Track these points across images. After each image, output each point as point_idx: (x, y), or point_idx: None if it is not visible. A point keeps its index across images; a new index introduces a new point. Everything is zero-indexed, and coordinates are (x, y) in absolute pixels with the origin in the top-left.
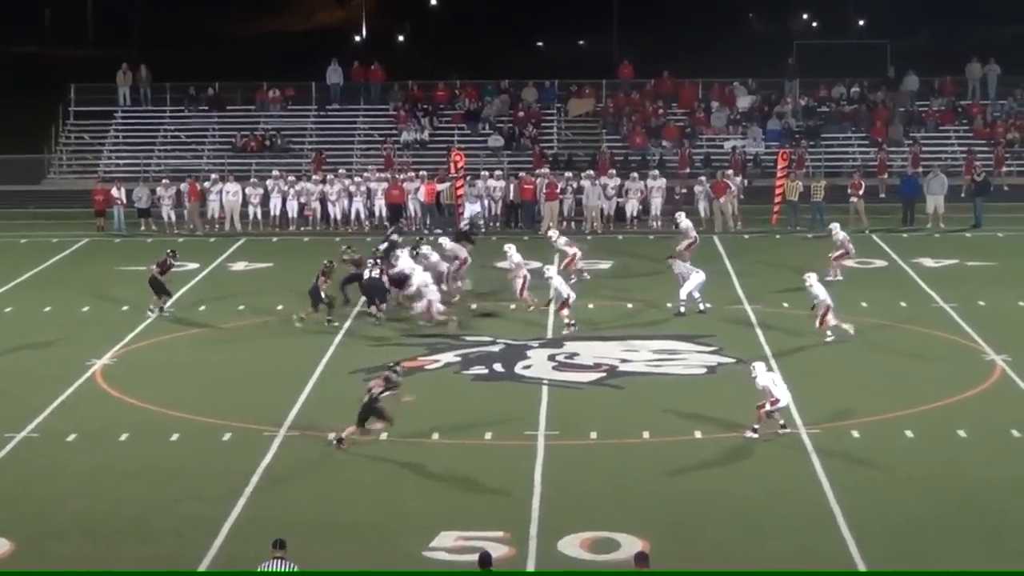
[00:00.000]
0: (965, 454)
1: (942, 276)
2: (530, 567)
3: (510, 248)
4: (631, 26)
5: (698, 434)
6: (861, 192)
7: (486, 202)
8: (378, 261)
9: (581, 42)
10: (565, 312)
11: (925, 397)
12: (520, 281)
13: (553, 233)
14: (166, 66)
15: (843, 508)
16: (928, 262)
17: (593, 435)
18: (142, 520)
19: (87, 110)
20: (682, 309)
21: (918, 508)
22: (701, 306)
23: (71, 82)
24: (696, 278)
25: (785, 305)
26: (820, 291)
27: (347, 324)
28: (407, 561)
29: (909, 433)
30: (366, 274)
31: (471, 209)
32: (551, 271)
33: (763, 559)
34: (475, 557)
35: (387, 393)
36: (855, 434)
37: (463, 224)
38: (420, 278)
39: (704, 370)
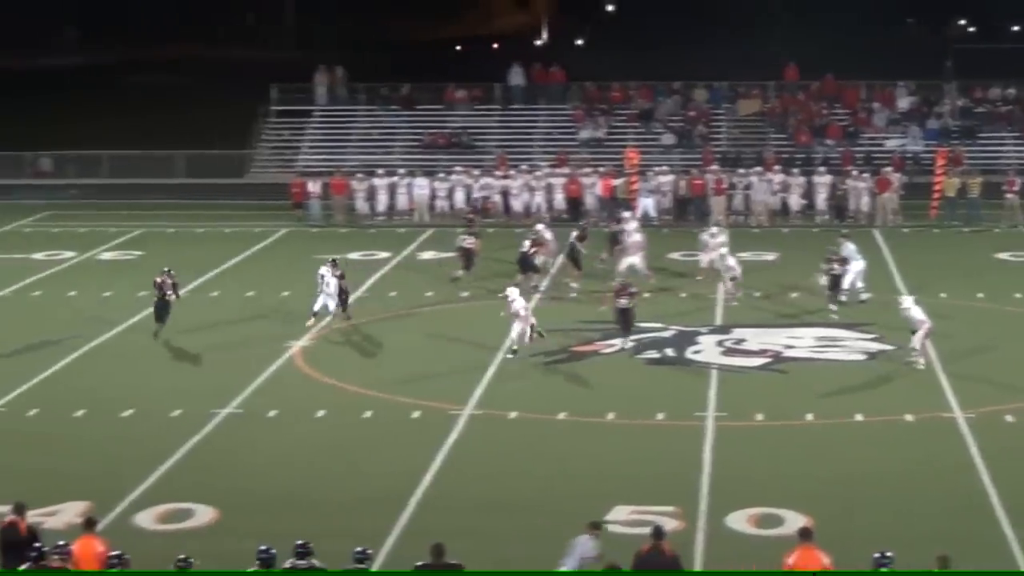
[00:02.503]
0: None
1: None
2: (699, 541)
3: (512, 292)
4: (796, 29)
5: (859, 417)
6: (1016, 189)
7: (657, 197)
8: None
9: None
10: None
11: None
12: (518, 327)
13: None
14: (360, 68)
15: (998, 492)
16: None
17: (759, 417)
18: (336, 493)
19: (287, 109)
20: (843, 298)
21: None
22: (862, 296)
23: (272, 82)
24: (856, 266)
25: (943, 296)
26: (918, 313)
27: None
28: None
29: None
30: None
31: (645, 203)
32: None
33: (916, 540)
34: (648, 530)
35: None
36: (1009, 419)
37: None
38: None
39: (864, 356)
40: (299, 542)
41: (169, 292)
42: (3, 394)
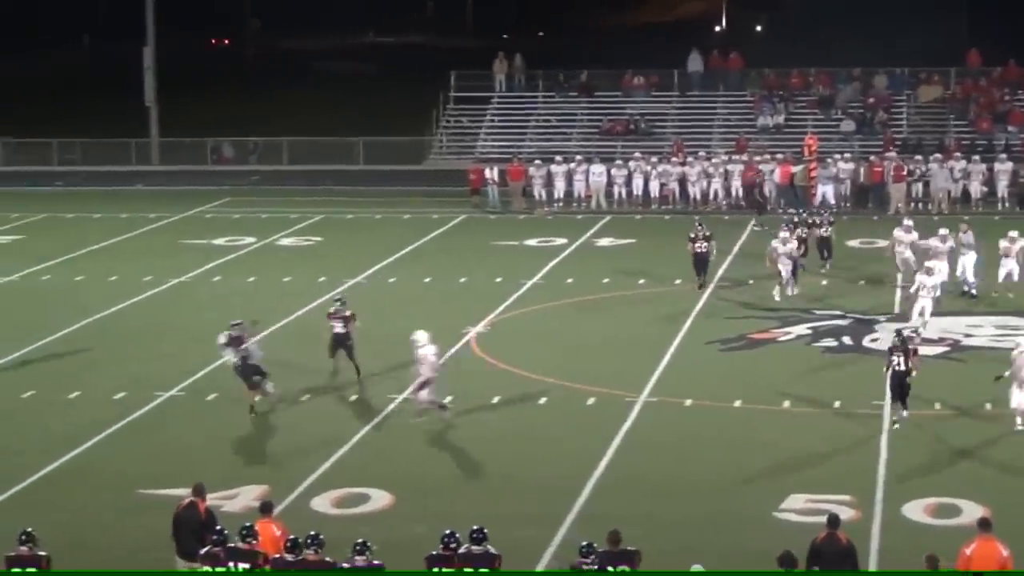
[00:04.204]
0: None
1: None
2: (875, 530)
3: (421, 337)
4: (980, 13)
5: None
6: None
7: (836, 184)
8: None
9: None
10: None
11: None
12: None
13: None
14: (539, 55)
15: None
16: None
17: (937, 406)
18: (511, 479)
19: (466, 95)
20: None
21: None
22: (973, 290)
23: (451, 69)
24: (970, 258)
25: None
26: None
27: (703, 299)
28: (757, 521)
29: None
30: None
31: (823, 190)
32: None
33: None
34: (823, 519)
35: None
36: None
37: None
38: None
39: None
40: (474, 528)
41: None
42: (183, 378)
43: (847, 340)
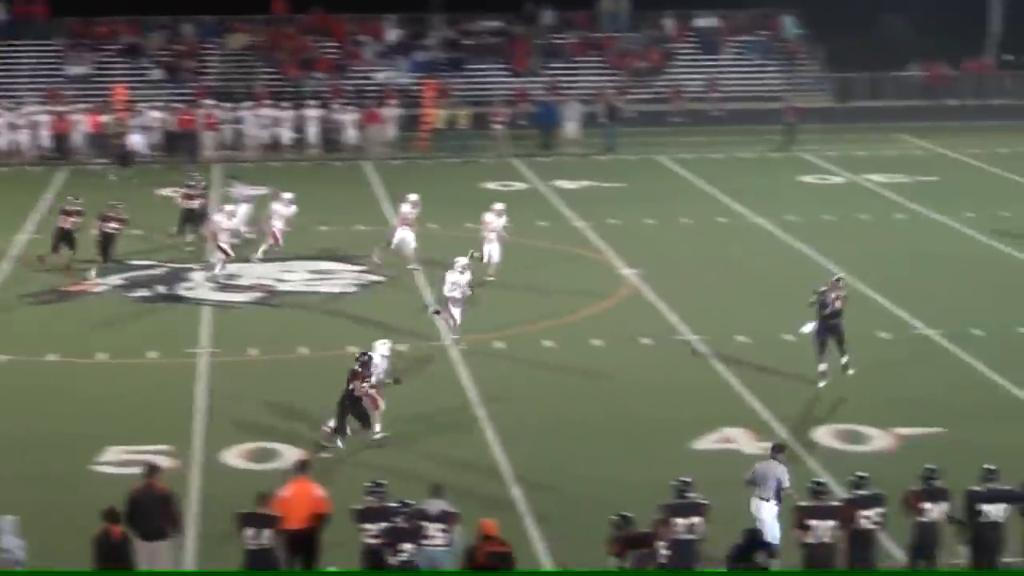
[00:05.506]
0: (601, 362)
1: (578, 197)
2: (194, 477)
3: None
4: None
5: (352, 349)
6: (503, 120)
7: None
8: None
9: None
10: None
11: (562, 310)
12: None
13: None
14: None
15: (489, 414)
16: (565, 184)
17: (253, 352)
18: None
19: None
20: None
21: (561, 412)
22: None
23: None
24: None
25: (433, 226)
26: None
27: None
28: (73, 475)
29: (549, 343)
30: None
31: (135, 140)
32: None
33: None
34: (140, 470)
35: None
36: (499, 345)
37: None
38: None
39: (357, 288)
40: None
41: None
42: None
43: (161, 289)
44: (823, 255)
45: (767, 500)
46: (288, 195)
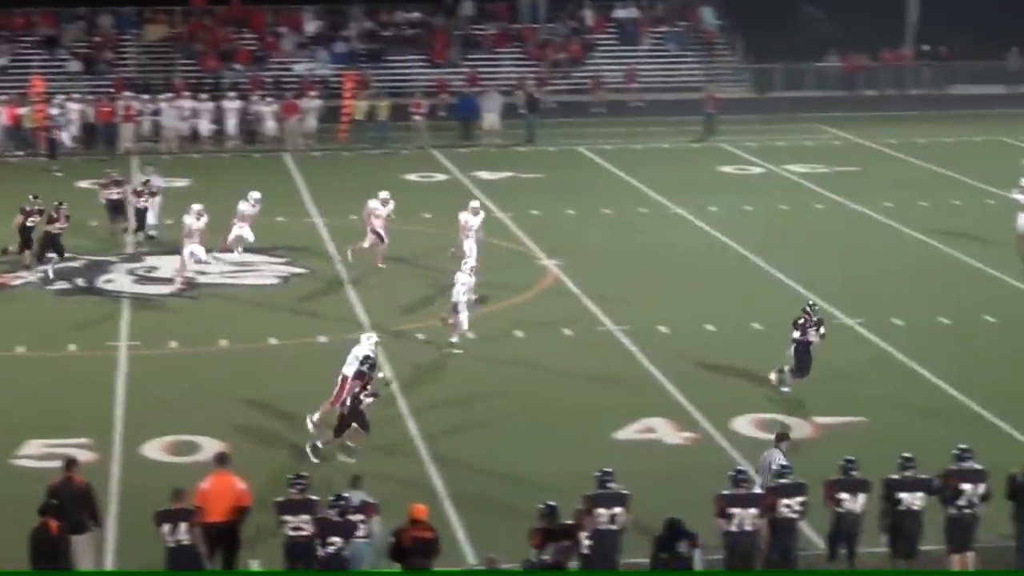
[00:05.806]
0: (522, 353)
1: (498, 187)
2: (115, 470)
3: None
4: None
5: (273, 340)
6: (423, 111)
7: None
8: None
9: None
10: None
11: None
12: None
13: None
14: None
15: (410, 405)
16: (485, 175)
17: (173, 344)
18: None
19: None
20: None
21: (482, 402)
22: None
23: None
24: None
25: (353, 218)
26: None
27: None
28: None
29: (471, 334)
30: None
31: (65, 135)
32: None
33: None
34: (59, 463)
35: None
36: (421, 335)
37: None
38: None
39: (278, 280)
40: None
41: None
42: None
43: (80, 282)
44: (743, 245)
45: None
46: (256, 195)
